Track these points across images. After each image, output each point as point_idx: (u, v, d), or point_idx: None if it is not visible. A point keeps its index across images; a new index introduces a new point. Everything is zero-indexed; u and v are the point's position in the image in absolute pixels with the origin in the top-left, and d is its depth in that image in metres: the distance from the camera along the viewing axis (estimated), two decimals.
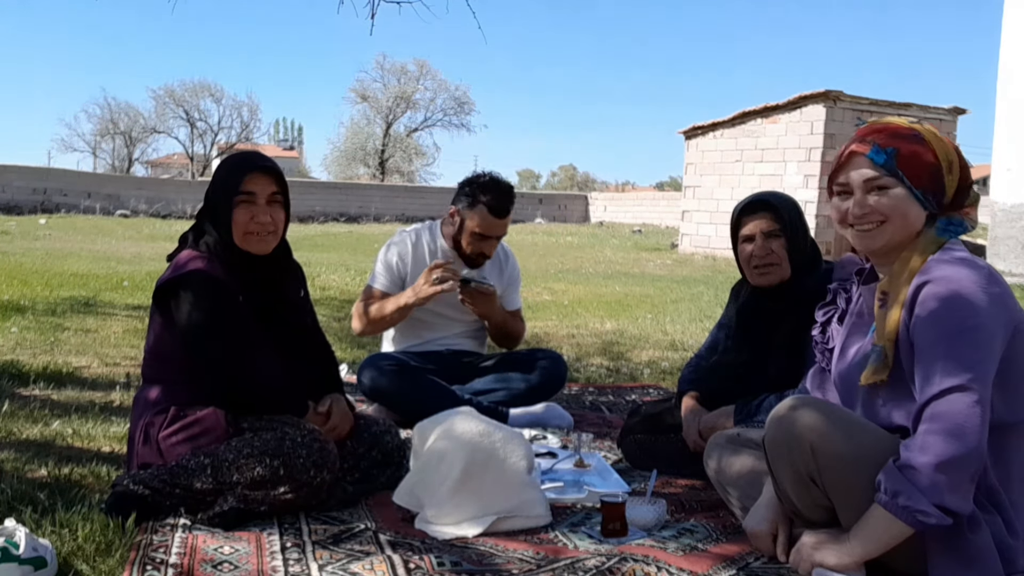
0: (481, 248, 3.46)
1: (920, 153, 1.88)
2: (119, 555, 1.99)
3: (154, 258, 11.48)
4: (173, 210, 25.70)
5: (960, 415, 1.72)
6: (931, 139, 1.90)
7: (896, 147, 1.88)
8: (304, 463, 2.22)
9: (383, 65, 44.97)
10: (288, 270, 2.56)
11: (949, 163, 1.88)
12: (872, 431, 1.89)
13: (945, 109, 16.60)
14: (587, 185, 61.68)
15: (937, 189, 1.88)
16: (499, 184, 3.45)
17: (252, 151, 2.66)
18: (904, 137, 1.89)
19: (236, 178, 2.40)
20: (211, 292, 2.32)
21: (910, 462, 1.74)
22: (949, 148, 1.89)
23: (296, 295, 2.57)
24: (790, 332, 2.62)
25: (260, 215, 2.39)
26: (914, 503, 1.72)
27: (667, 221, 26.21)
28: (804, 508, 1.97)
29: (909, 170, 1.87)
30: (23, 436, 3.02)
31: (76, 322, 5.80)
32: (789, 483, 1.95)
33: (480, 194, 3.41)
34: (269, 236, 2.43)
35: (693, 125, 17.76)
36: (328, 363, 2.65)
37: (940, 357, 1.76)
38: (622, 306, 8.05)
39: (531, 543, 2.17)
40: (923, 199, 1.89)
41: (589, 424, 3.54)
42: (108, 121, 46.10)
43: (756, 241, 2.67)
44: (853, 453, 1.84)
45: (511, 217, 3.48)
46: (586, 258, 15.54)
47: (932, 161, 1.88)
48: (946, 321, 1.76)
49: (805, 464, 1.88)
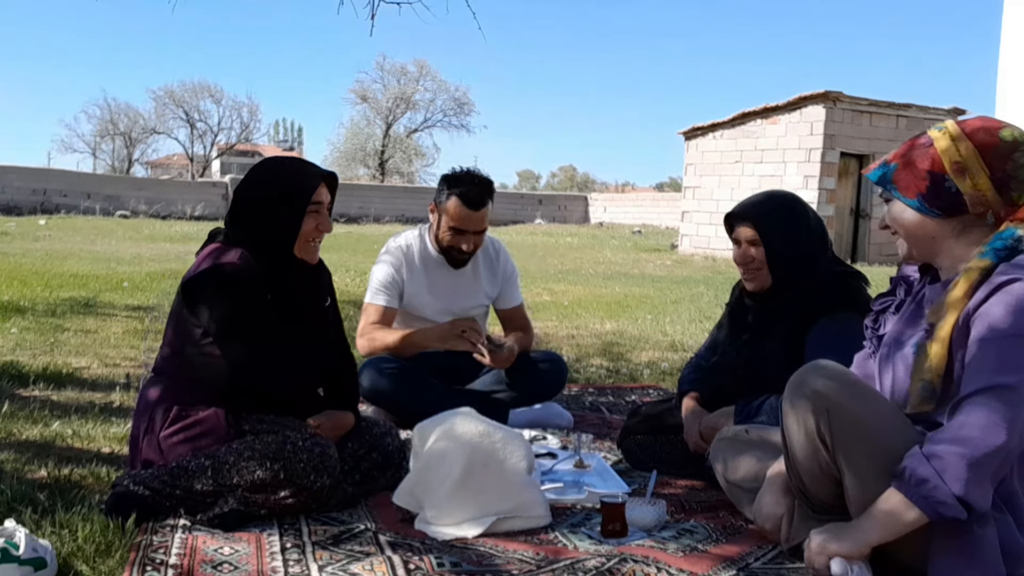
0: (459, 243, 3.39)
1: (915, 160, 1.89)
2: (119, 556, 1.99)
3: (154, 259, 11.49)
4: (173, 211, 25.72)
5: (1001, 414, 1.70)
6: (942, 142, 1.88)
7: (898, 161, 1.92)
8: (305, 467, 2.22)
9: (383, 66, 45.09)
10: (324, 277, 2.57)
11: (957, 164, 1.86)
12: (889, 405, 1.91)
13: (945, 109, 16.62)
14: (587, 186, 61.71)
15: (940, 193, 1.87)
16: (473, 176, 3.40)
17: (302, 159, 2.64)
18: (913, 149, 1.92)
19: (307, 186, 2.39)
20: (241, 285, 2.31)
21: (940, 453, 1.73)
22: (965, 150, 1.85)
23: (323, 303, 2.57)
24: (788, 333, 2.62)
25: (325, 224, 2.42)
26: (938, 494, 1.71)
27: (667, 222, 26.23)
28: (809, 478, 1.97)
29: (900, 181, 1.91)
30: (23, 437, 3.02)
31: (76, 323, 5.80)
32: (799, 446, 1.94)
33: (454, 186, 3.36)
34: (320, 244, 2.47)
35: (693, 126, 17.77)
36: (346, 376, 2.64)
37: (992, 356, 1.75)
38: (622, 307, 8.05)
39: (531, 544, 2.17)
40: (921, 206, 1.89)
41: (589, 425, 3.54)
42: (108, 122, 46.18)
43: (741, 247, 2.70)
44: (868, 421, 1.85)
45: (487, 212, 3.39)
46: (586, 259, 15.54)
47: (927, 167, 1.87)
48: (1004, 323, 1.75)
49: (818, 424, 1.88)
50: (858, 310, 2.58)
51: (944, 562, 1.77)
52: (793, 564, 2.05)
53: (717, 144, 17.34)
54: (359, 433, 2.57)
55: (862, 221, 16.35)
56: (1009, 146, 1.85)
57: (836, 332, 2.54)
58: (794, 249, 2.65)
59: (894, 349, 2.02)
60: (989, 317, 1.77)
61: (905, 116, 16.39)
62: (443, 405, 2.71)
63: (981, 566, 1.75)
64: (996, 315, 1.76)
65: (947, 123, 1.92)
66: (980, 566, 1.74)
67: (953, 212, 1.88)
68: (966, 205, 1.87)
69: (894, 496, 1.78)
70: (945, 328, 1.84)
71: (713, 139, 17.44)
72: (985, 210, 1.87)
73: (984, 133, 1.86)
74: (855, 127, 15.86)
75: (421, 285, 3.48)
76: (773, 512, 2.12)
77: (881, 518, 1.80)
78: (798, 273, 2.65)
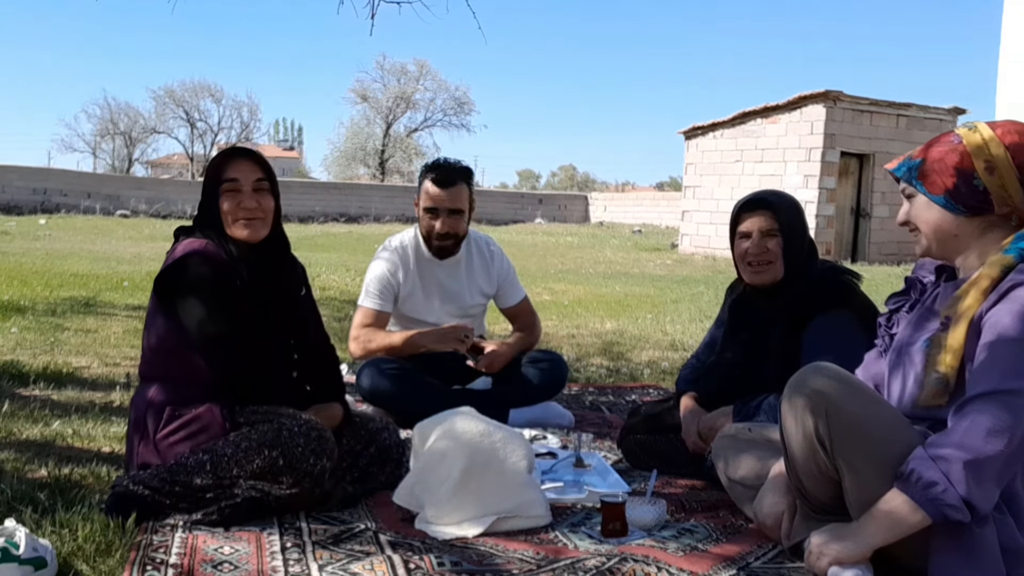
0: (433, 225, 3.42)
1: (943, 157, 1.89)
2: (119, 555, 1.99)
3: (154, 258, 11.48)
4: (173, 210, 25.71)
5: (1006, 419, 1.70)
6: (972, 143, 1.88)
7: (925, 156, 1.92)
8: (303, 451, 2.22)
9: (383, 65, 45.04)
10: (285, 261, 2.56)
11: (987, 163, 1.86)
12: (888, 406, 1.90)
13: (945, 109, 16.61)
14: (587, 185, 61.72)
15: (968, 190, 1.87)
16: (447, 160, 3.49)
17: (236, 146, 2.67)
18: (941, 146, 1.92)
19: (220, 167, 2.45)
20: (211, 272, 2.33)
21: (946, 455, 1.72)
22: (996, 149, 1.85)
23: (297, 292, 2.57)
24: (785, 333, 2.62)
25: (246, 200, 2.41)
26: (947, 497, 1.70)
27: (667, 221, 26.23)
28: (808, 479, 1.97)
29: (927, 177, 1.91)
30: (23, 436, 3.02)
31: (76, 322, 5.80)
32: (798, 447, 1.94)
33: (426, 172, 3.47)
34: (257, 222, 2.43)
35: (693, 125, 17.77)
36: (329, 368, 2.64)
37: (1000, 359, 1.74)
38: (622, 306, 8.05)
39: (531, 543, 2.17)
40: (947, 203, 1.89)
41: (589, 424, 3.54)
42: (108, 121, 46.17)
43: (753, 238, 2.68)
44: (867, 422, 1.85)
45: (461, 192, 3.41)
46: (586, 258, 15.54)
47: (955, 163, 1.88)
48: (1014, 327, 1.75)
49: (816, 426, 1.88)
50: (854, 308, 2.59)
51: (944, 562, 1.77)
52: (793, 563, 2.05)
53: (717, 143, 17.34)
54: (355, 429, 2.57)
55: (862, 221, 16.33)
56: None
57: (833, 330, 2.54)
58: (803, 242, 2.69)
59: (905, 349, 2.02)
60: (999, 320, 1.77)
61: (905, 115, 16.39)
62: (443, 405, 2.71)
63: (981, 566, 1.74)
64: (1007, 319, 1.76)
65: (977, 123, 1.92)
66: (980, 566, 1.74)
67: (978, 211, 1.89)
68: (992, 205, 1.87)
69: (898, 498, 1.77)
70: (962, 323, 1.84)
71: (713, 138, 17.43)
72: (1011, 211, 1.87)
73: (1016, 135, 1.87)
74: (855, 126, 15.85)
75: (415, 284, 3.50)
76: (773, 511, 2.12)
77: (884, 521, 1.80)
78: (802, 269, 2.66)
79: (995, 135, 1.87)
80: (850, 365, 2.42)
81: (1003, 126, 1.89)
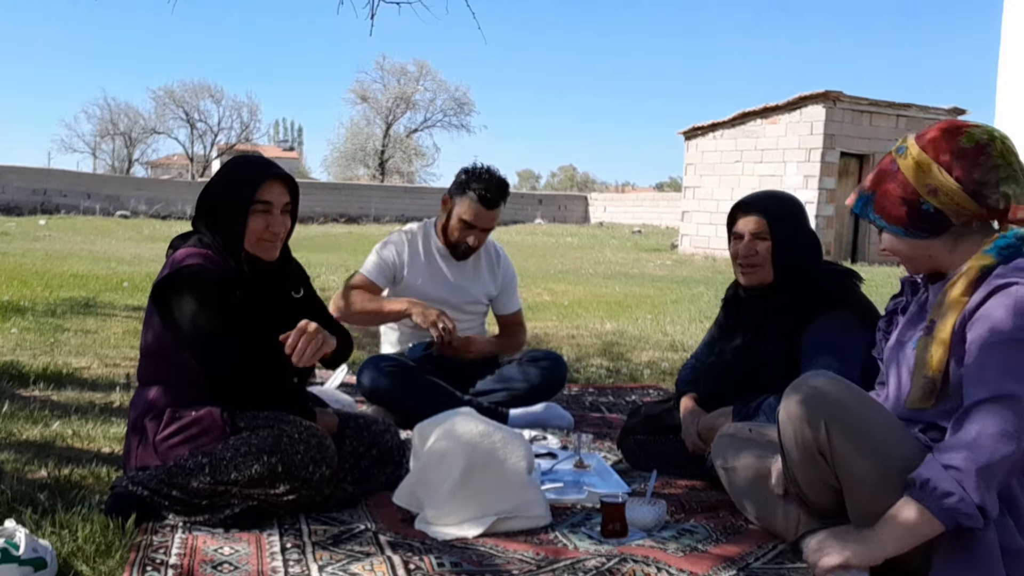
0: (466, 237, 3.44)
1: (889, 190, 1.89)
2: (119, 556, 1.99)
3: (154, 259, 11.48)
4: (173, 211, 25.72)
5: (1012, 423, 1.70)
6: (906, 166, 1.86)
7: (874, 190, 1.92)
8: (302, 459, 2.22)
9: (383, 66, 45.07)
10: (288, 272, 2.56)
11: (928, 187, 1.84)
12: (887, 413, 1.90)
13: (945, 109, 16.60)
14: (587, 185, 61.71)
15: (921, 216, 1.86)
16: (493, 176, 3.45)
17: (260, 156, 2.64)
18: (884, 175, 1.91)
19: (252, 186, 2.38)
20: (210, 285, 2.32)
21: (957, 464, 1.71)
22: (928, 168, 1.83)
23: (296, 293, 2.57)
24: (785, 333, 2.62)
25: (275, 225, 2.40)
26: (964, 507, 1.70)
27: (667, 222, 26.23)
28: (808, 487, 1.97)
29: (883, 210, 1.91)
30: (23, 437, 3.02)
31: (76, 323, 5.81)
32: (797, 457, 1.94)
33: (473, 182, 3.42)
34: (278, 243, 2.44)
35: (693, 125, 17.78)
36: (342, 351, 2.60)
37: (995, 361, 1.74)
38: (622, 307, 8.05)
39: (531, 544, 2.17)
40: (907, 233, 1.90)
41: (589, 424, 3.54)
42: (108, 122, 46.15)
43: (744, 239, 2.69)
44: (866, 429, 1.84)
45: (500, 212, 3.46)
46: (586, 259, 15.55)
47: (900, 195, 1.87)
48: (1005, 326, 1.74)
49: (816, 437, 1.87)
50: (854, 310, 2.59)
51: (945, 564, 1.77)
52: (793, 564, 2.05)
53: (717, 144, 17.34)
54: (357, 431, 2.56)
55: (862, 221, 16.31)
56: (972, 151, 1.82)
57: (833, 332, 2.54)
58: (796, 247, 2.67)
59: (897, 349, 2.03)
60: (989, 320, 1.76)
61: (905, 116, 16.39)
62: (443, 405, 2.71)
63: (982, 568, 1.75)
64: (996, 318, 1.76)
65: (908, 142, 1.89)
66: (981, 568, 1.75)
67: (940, 229, 1.88)
68: (950, 220, 1.86)
69: (913, 508, 1.75)
70: (946, 326, 1.83)
71: (713, 139, 17.44)
72: (971, 218, 1.85)
73: (944, 144, 1.83)
74: (855, 127, 15.86)
75: (422, 273, 3.52)
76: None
77: (899, 531, 1.78)
78: (796, 272, 2.65)
79: (924, 154, 1.84)
80: (850, 365, 2.43)
81: (931, 136, 1.86)
